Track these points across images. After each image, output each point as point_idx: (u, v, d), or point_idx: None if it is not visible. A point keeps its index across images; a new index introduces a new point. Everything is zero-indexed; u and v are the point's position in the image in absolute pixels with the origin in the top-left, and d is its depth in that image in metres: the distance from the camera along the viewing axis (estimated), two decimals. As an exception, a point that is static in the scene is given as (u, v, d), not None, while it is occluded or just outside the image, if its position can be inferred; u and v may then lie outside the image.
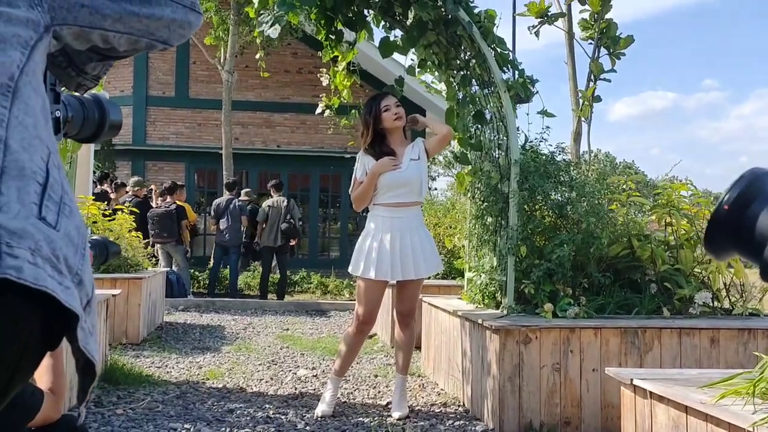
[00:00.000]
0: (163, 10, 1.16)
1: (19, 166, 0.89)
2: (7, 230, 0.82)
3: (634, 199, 4.77)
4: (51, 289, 0.82)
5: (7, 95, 0.93)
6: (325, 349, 6.80)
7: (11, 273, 0.78)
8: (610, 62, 8.66)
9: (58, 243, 0.88)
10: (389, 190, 4.33)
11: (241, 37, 13.20)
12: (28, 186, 0.89)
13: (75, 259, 0.91)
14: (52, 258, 0.85)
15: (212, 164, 14.82)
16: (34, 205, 0.88)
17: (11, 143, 0.90)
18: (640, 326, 4.06)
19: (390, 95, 4.47)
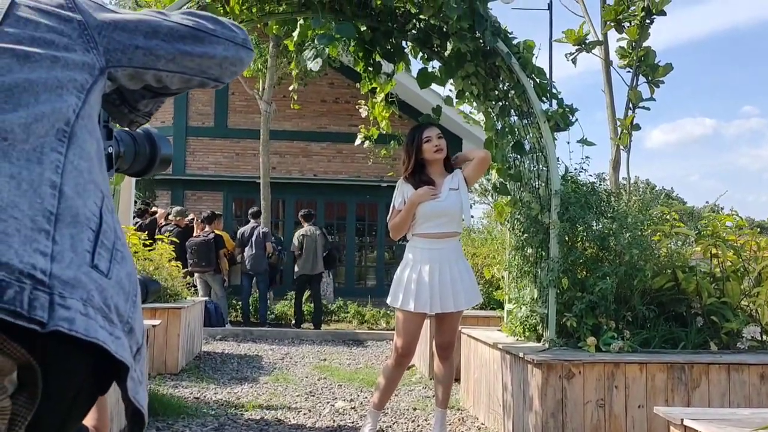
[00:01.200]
0: (215, 48, 1.16)
1: (73, 212, 0.89)
2: (60, 280, 0.82)
3: (678, 230, 4.68)
4: (102, 340, 0.82)
5: (63, 141, 0.93)
6: (363, 381, 6.76)
7: (63, 325, 0.78)
8: (648, 90, 8.58)
9: (109, 292, 0.88)
10: (428, 220, 4.30)
11: (279, 68, 13.37)
12: (82, 233, 0.89)
13: (126, 306, 0.91)
14: (103, 307, 0.85)
15: (250, 193, 14.95)
16: (87, 253, 0.88)
17: (66, 189, 0.90)
18: (686, 361, 3.96)
19: (433, 126, 4.43)
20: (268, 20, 4.97)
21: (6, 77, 0.91)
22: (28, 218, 0.83)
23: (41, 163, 0.89)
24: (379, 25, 4.92)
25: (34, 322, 0.77)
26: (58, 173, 0.90)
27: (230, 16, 4.60)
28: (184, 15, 1.17)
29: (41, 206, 0.85)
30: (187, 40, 1.13)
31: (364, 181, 15.56)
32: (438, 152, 4.32)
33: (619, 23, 7.12)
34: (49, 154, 0.90)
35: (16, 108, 0.90)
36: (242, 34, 1.22)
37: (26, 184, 0.85)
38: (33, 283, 0.78)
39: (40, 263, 0.81)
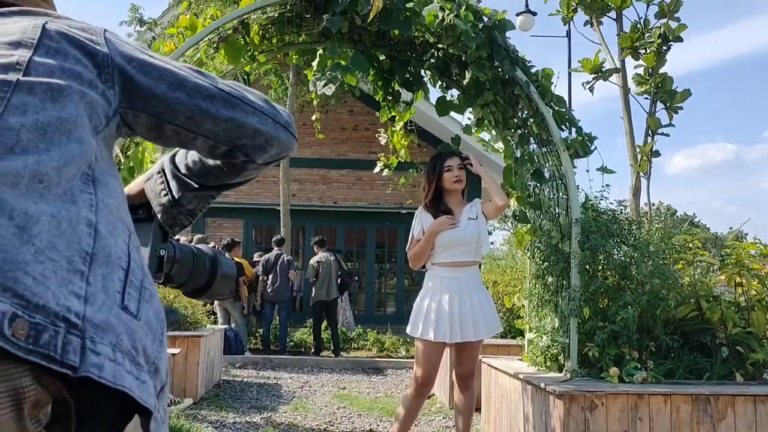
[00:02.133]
0: (248, 117, 1.12)
1: (107, 252, 0.90)
2: (93, 324, 0.83)
3: (702, 258, 4.62)
4: (128, 387, 0.83)
5: (88, 183, 0.94)
6: (383, 410, 6.70)
7: (93, 372, 0.80)
8: (667, 116, 8.54)
9: (138, 334, 0.89)
10: (447, 249, 4.28)
11: (300, 97, 13.48)
12: (113, 273, 0.90)
13: (153, 347, 0.92)
14: (131, 351, 0.87)
15: (270, 220, 15.02)
16: (117, 294, 0.89)
17: (100, 227, 0.91)
18: (712, 393, 3.88)
19: (455, 156, 4.41)
20: (288, 50, 5.02)
21: (40, 115, 0.92)
22: (65, 259, 0.84)
23: (76, 203, 0.90)
24: (398, 55, 4.95)
25: (66, 366, 0.78)
26: (93, 211, 0.92)
27: (251, 46, 4.66)
28: (228, 83, 1.14)
29: (79, 246, 0.87)
30: (215, 101, 1.09)
31: (383, 208, 15.58)
32: (457, 183, 4.32)
33: (636, 50, 7.12)
34: (80, 195, 0.92)
35: (49, 148, 0.90)
36: (287, 117, 1.18)
37: (66, 223, 0.87)
38: (67, 326, 0.80)
39: (74, 306, 0.82)
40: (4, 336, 0.75)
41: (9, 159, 0.87)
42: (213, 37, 4.50)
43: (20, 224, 0.82)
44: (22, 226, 0.82)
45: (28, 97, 0.92)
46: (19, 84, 0.93)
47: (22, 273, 0.79)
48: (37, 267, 0.81)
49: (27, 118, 0.91)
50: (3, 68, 0.94)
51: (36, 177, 0.87)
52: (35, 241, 0.82)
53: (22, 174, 0.86)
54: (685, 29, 6.68)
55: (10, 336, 0.75)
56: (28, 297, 0.78)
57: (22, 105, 0.91)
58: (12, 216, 0.82)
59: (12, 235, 0.81)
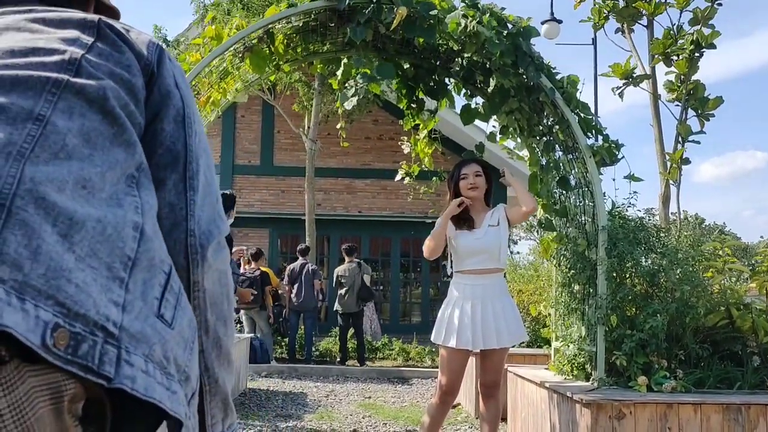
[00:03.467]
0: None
1: (150, 255, 0.90)
2: (128, 333, 0.83)
3: (732, 266, 4.55)
4: (158, 399, 0.84)
5: (132, 185, 0.94)
6: (408, 419, 6.67)
7: (127, 384, 0.81)
8: (698, 124, 8.44)
9: (170, 344, 0.89)
10: (468, 257, 4.27)
11: (325, 106, 13.54)
12: (154, 278, 0.90)
13: (184, 355, 0.92)
14: (162, 361, 0.87)
15: (295, 230, 15.07)
16: (155, 301, 0.89)
17: (146, 229, 0.91)
18: (743, 402, 3.81)
19: (473, 163, 4.43)
20: (312, 59, 5.05)
21: (86, 119, 0.91)
22: (105, 266, 0.84)
23: (122, 206, 0.90)
24: (422, 63, 4.95)
25: (102, 377, 0.79)
26: (139, 213, 0.91)
27: (275, 56, 4.69)
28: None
29: (122, 252, 0.86)
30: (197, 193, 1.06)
31: (408, 217, 15.57)
32: (472, 190, 4.30)
33: (668, 57, 7.05)
34: (125, 198, 0.91)
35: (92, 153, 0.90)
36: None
37: (111, 227, 0.86)
38: (104, 335, 0.80)
39: (113, 315, 0.82)
40: (46, 346, 0.75)
41: (54, 164, 0.86)
42: (238, 46, 4.54)
43: (63, 232, 0.82)
44: (65, 234, 0.82)
45: (76, 99, 0.91)
46: (68, 85, 0.91)
47: (65, 281, 0.79)
48: (79, 275, 0.81)
49: (73, 123, 0.90)
50: (55, 66, 0.92)
51: (79, 183, 0.87)
52: (76, 248, 0.82)
53: (66, 180, 0.85)
54: (718, 36, 6.61)
55: (52, 346, 0.76)
56: (70, 305, 0.79)
57: (69, 108, 0.90)
58: (56, 223, 0.82)
59: (56, 242, 0.81)
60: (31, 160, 0.84)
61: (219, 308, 1.09)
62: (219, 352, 1.09)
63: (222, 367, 1.10)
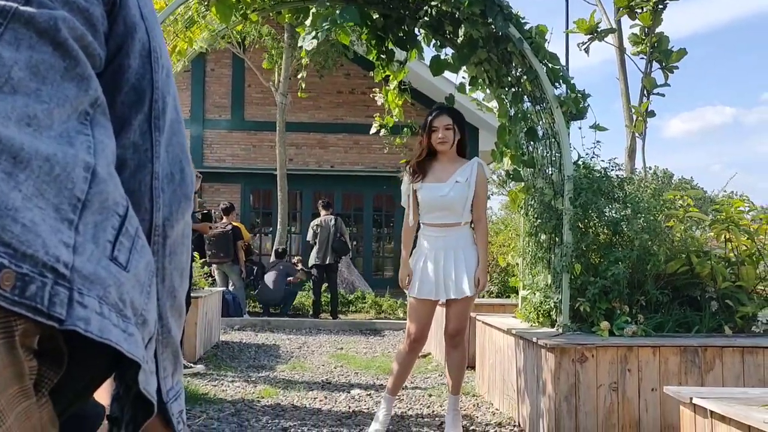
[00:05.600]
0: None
1: (103, 197, 0.86)
2: (81, 275, 0.81)
3: (692, 214, 4.65)
4: (114, 341, 0.82)
5: (86, 123, 0.89)
6: (379, 368, 6.79)
7: (80, 325, 0.78)
8: (663, 76, 8.51)
9: (126, 287, 0.87)
10: (431, 211, 4.32)
11: (295, 60, 13.41)
12: (107, 221, 0.87)
13: (140, 299, 0.90)
14: (118, 303, 0.85)
15: (267, 185, 15.04)
16: (108, 244, 0.86)
17: (99, 170, 0.87)
18: (700, 345, 3.95)
19: (445, 114, 4.33)
20: (280, 9, 5.00)
21: (35, 51, 0.85)
22: (52, 207, 0.80)
23: (73, 145, 0.85)
24: (391, 12, 4.93)
25: (53, 319, 0.76)
26: (90, 153, 0.86)
27: (242, 4, 4.64)
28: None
29: (70, 193, 0.82)
30: (165, 114, 1.03)
31: (380, 171, 15.58)
32: (441, 144, 4.27)
33: (632, 10, 7.08)
34: (77, 136, 0.86)
35: (40, 88, 0.85)
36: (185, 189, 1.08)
37: (59, 167, 0.82)
38: (55, 276, 0.78)
39: (63, 256, 0.79)
40: None
41: None
42: (205, -5, 4.48)
43: (7, 169, 0.78)
44: (9, 172, 0.78)
45: (24, 29, 0.85)
46: (16, 14, 0.85)
47: (11, 220, 0.76)
48: (26, 214, 0.77)
49: (20, 54, 0.84)
50: None
51: (24, 119, 0.82)
52: (22, 188, 0.78)
53: (9, 116, 0.81)
54: (681, -13, 6.64)
55: None
56: (16, 245, 0.75)
57: (16, 39, 0.84)
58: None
59: (0, 180, 0.77)
60: None
61: (177, 258, 1.07)
62: (173, 302, 1.07)
63: (174, 318, 1.07)
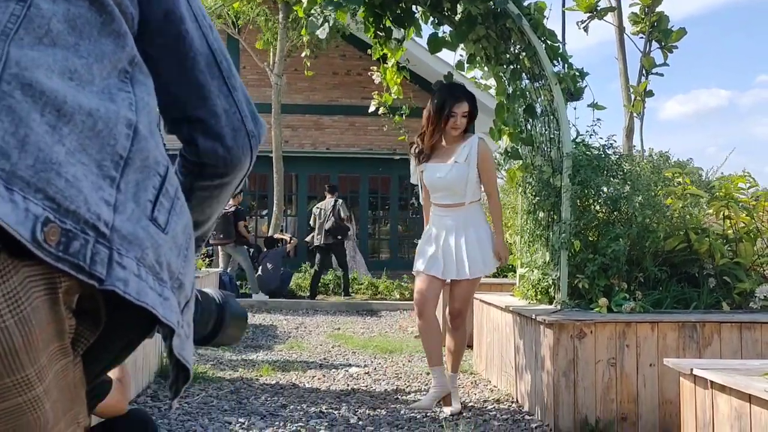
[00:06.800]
0: (218, 96, 1.01)
1: (144, 155, 0.85)
2: (120, 234, 0.80)
3: (690, 191, 4.66)
4: (150, 305, 0.81)
5: (126, 81, 0.87)
6: (377, 348, 6.81)
7: (119, 286, 0.78)
8: (662, 56, 8.48)
9: (163, 248, 0.85)
10: (434, 191, 4.40)
11: (290, 40, 13.33)
12: (148, 180, 0.85)
13: (177, 262, 0.88)
14: (155, 266, 0.83)
15: (263, 167, 14.98)
16: (149, 203, 0.85)
17: (140, 128, 0.85)
18: (698, 320, 3.97)
19: (465, 102, 4.27)
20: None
21: (72, 4, 0.84)
22: (95, 163, 0.79)
23: (114, 101, 0.84)
24: (389, -11, 4.90)
25: (93, 278, 0.76)
26: (132, 110, 0.85)
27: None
28: (224, 51, 1.04)
29: (113, 149, 0.81)
30: (200, 56, 1.00)
31: (376, 153, 15.55)
32: (455, 130, 4.28)
33: (632, -13, 7.02)
34: (118, 93, 0.85)
35: (78, 42, 0.83)
36: (257, 128, 1.06)
37: (102, 123, 0.81)
38: (96, 235, 0.77)
39: (104, 214, 0.78)
40: (37, 241, 0.72)
41: (39, 50, 0.79)
42: (201, -29, 4.43)
43: (51, 122, 0.77)
44: (53, 125, 0.77)
45: None
46: None
47: (55, 174, 0.75)
48: (70, 169, 0.76)
49: (58, 6, 0.82)
50: None
51: (66, 73, 0.80)
52: (66, 141, 0.77)
53: (52, 69, 0.79)
54: (680, -35, 6.62)
55: (42, 241, 0.73)
56: (60, 200, 0.75)
57: None
58: (44, 112, 0.76)
59: (44, 133, 0.76)
60: (16, 42, 0.78)
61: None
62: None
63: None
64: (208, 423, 4.03)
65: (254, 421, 4.06)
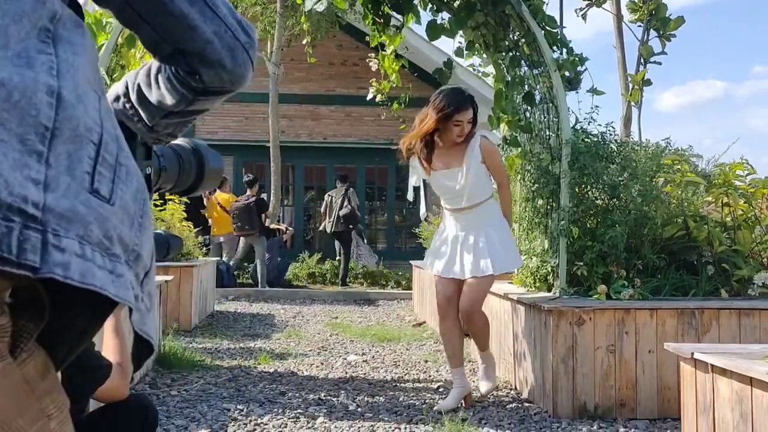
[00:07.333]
0: (204, 21, 0.94)
1: (73, 124, 0.76)
2: (55, 213, 0.71)
3: (689, 178, 4.65)
4: (99, 286, 0.73)
5: (47, 41, 0.77)
6: (375, 336, 6.81)
7: (57, 272, 0.69)
8: (660, 45, 8.47)
9: (111, 221, 0.77)
10: (442, 195, 4.36)
11: (287, 29, 13.27)
12: (81, 149, 0.76)
13: (131, 233, 0.80)
14: (103, 241, 0.75)
15: (259, 157, 14.94)
16: (86, 175, 0.75)
17: (64, 94, 0.76)
18: (697, 307, 3.97)
19: (469, 108, 4.13)
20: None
21: None
22: (16, 139, 0.71)
23: (32, 66, 0.74)
24: (388, -24, 4.87)
25: (24, 267, 0.67)
26: (53, 75, 0.76)
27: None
28: None
29: (35, 120, 0.72)
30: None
31: (373, 143, 15.51)
32: (459, 137, 4.15)
33: (631, -26, 7.01)
34: (38, 56, 0.75)
35: None
36: (249, 36, 1.00)
37: (18, 92, 0.72)
38: (23, 219, 0.68)
39: (32, 194, 0.70)
40: None
41: None
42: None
43: None
44: None
45: None
46: None
47: None
48: None
49: None
50: None
51: None
52: None
53: None
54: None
55: None
56: None
57: None
58: None
59: None
60: None
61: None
62: None
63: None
64: (207, 410, 4.03)
65: (253, 408, 4.06)
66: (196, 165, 1.19)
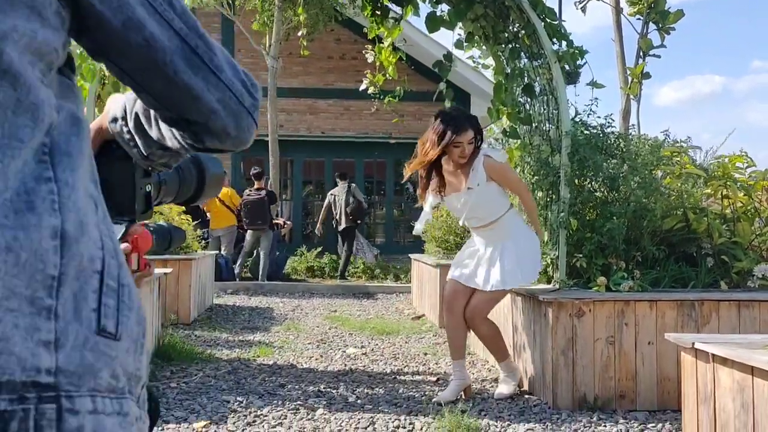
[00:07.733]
0: (208, 91, 0.86)
1: (77, 260, 0.72)
2: (67, 373, 0.69)
3: (689, 170, 4.65)
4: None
5: (45, 161, 0.72)
6: (374, 329, 6.81)
7: None
8: (659, 38, 8.46)
9: (118, 359, 0.75)
10: (456, 217, 4.41)
11: (286, 22, 13.24)
12: (87, 285, 0.73)
13: (134, 360, 0.78)
14: (111, 383, 0.74)
15: (258, 152, 14.90)
16: (93, 314, 0.73)
17: (68, 228, 0.72)
18: (697, 299, 3.97)
19: (469, 129, 4.07)
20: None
21: None
22: (26, 302, 0.68)
23: (34, 208, 0.70)
24: (387, -33, 4.86)
25: None
26: (55, 210, 0.71)
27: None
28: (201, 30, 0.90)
29: (43, 274, 0.69)
30: (176, 58, 0.84)
31: (372, 137, 15.50)
32: (461, 159, 4.11)
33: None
34: (39, 188, 0.71)
35: None
36: (253, 98, 0.93)
37: (26, 251, 0.68)
38: (38, 392, 0.67)
39: (44, 362, 0.68)
40: None
41: None
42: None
43: None
44: None
45: None
46: None
47: None
48: None
49: None
50: None
51: None
52: None
53: None
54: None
55: None
56: None
57: None
58: None
59: None
60: None
61: None
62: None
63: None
64: (207, 402, 4.02)
65: (252, 400, 4.05)
66: (196, 174, 1.17)
